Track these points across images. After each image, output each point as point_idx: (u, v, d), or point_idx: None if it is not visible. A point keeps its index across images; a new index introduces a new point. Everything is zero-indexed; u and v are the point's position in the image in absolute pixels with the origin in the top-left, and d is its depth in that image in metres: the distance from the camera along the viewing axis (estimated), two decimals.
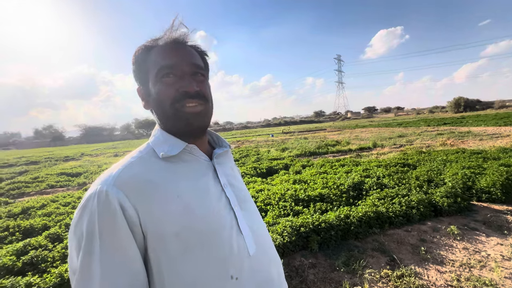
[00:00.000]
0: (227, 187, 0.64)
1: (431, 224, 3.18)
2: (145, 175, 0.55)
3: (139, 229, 0.51)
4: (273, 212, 3.42)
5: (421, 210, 3.32)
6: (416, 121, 29.04)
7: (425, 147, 9.46)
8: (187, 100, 0.58)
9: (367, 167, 5.57)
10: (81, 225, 0.49)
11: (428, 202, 3.49)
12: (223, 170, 0.67)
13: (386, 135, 15.42)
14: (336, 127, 33.62)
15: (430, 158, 6.33)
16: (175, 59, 0.59)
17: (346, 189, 4.16)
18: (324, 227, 2.86)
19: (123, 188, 0.51)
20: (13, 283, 2.20)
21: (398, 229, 3.11)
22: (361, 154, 9.16)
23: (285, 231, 2.78)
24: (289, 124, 64.79)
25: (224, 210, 0.60)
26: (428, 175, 4.64)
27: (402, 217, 3.23)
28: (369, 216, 3.11)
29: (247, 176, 5.84)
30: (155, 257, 0.52)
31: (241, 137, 28.22)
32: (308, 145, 11.65)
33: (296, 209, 3.46)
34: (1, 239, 3.39)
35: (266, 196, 3.97)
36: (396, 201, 3.51)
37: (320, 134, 21.97)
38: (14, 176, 10.31)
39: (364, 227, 2.99)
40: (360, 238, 2.92)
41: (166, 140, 0.61)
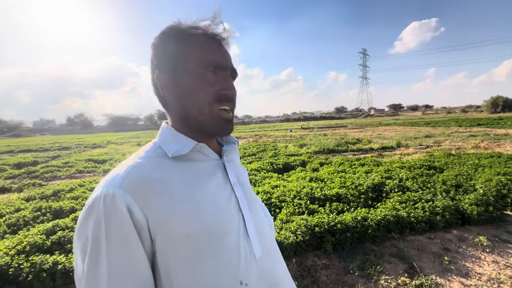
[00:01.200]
0: (237, 186, 0.62)
1: (457, 233, 2.97)
2: (154, 175, 0.52)
3: (147, 234, 0.49)
4: (287, 210, 3.38)
5: (446, 217, 3.11)
6: (446, 121, 27.23)
7: (454, 149, 8.84)
8: (224, 103, 0.57)
9: (389, 168, 5.32)
10: (86, 229, 0.47)
11: (455, 209, 3.26)
12: (232, 168, 0.64)
13: (411, 135, 14.63)
14: (357, 124, 32.48)
15: (460, 162, 5.91)
16: (225, 60, 0.57)
17: (365, 190, 4.01)
18: (340, 228, 2.78)
19: (130, 190, 0.49)
20: (42, 260, 2.38)
21: (419, 236, 2.94)
22: (383, 154, 8.78)
23: (299, 229, 2.74)
24: (309, 120, 63.63)
25: (233, 211, 0.58)
26: (457, 180, 4.34)
27: (424, 223, 3.05)
28: (388, 220, 2.97)
29: (263, 171, 5.83)
30: (163, 262, 0.51)
31: (259, 131, 28.23)
32: (327, 142, 11.37)
33: (311, 208, 3.40)
34: (34, 219, 3.69)
35: (281, 193, 3.93)
36: (419, 206, 3.32)
37: (340, 131, 21.36)
38: (48, 160, 11.15)
39: (382, 231, 2.87)
40: (377, 242, 2.80)
41: (175, 139, 0.58)
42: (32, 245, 2.67)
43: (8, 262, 2.40)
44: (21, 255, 2.51)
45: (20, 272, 2.32)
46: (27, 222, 3.58)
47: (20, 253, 2.56)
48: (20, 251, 2.60)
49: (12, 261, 2.42)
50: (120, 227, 0.47)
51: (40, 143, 22.42)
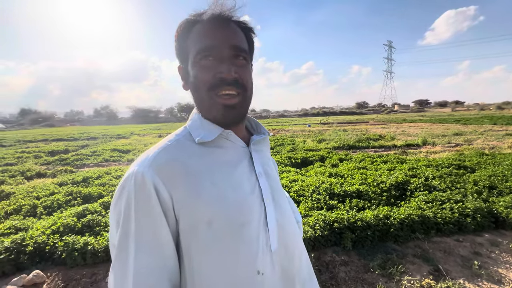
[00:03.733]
0: (262, 176, 0.61)
1: (489, 237, 2.78)
2: (181, 159, 0.54)
3: (172, 213, 0.51)
4: (305, 204, 3.35)
5: (477, 220, 2.91)
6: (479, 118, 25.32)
7: (488, 149, 8.22)
8: (224, 88, 0.54)
9: (414, 166, 5.07)
10: (120, 204, 0.51)
11: (488, 211, 3.04)
12: (259, 158, 0.64)
13: (439, 132, 13.79)
14: (380, 120, 31.17)
15: (494, 162, 5.49)
16: (215, 39, 0.54)
17: (388, 187, 3.85)
18: (360, 225, 2.70)
19: (158, 171, 0.51)
20: (74, 241, 2.56)
21: (446, 238, 2.79)
22: (408, 151, 8.37)
23: (318, 224, 2.70)
24: (328, 115, 62.08)
25: (256, 201, 0.58)
26: (490, 181, 4.04)
27: (452, 225, 2.88)
28: (413, 219, 2.84)
29: (281, 166, 5.80)
30: (186, 244, 0.53)
31: (277, 125, 28.03)
32: (347, 138, 11.05)
33: (330, 203, 3.33)
34: (67, 202, 3.96)
35: (300, 187, 3.89)
36: (447, 207, 3.14)
37: (361, 127, 20.63)
38: (78, 148, 11.89)
39: (405, 231, 2.75)
40: (400, 241, 2.69)
41: (203, 125, 0.59)
42: (65, 226, 2.87)
43: (44, 240, 2.61)
44: (55, 235, 2.72)
45: (55, 250, 2.52)
46: (60, 205, 3.85)
47: (54, 233, 2.77)
48: (55, 231, 2.81)
49: (48, 239, 2.63)
50: (148, 204, 0.50)
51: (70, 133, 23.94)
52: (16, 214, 3.67)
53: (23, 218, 3.47)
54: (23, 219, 3.41)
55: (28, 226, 3.04)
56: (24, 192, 4.59)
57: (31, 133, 26.75)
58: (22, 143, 15.39)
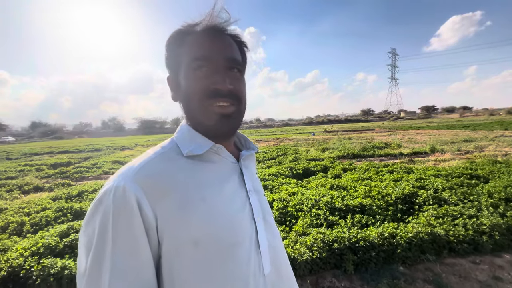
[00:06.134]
0: (253, 193, 0.59)
1: (510, 258, 2.48)
2: (168, 173, 0.50)
3: (154, 233, 0.47)
4: (304, 220, 3.10)
5: (495, 238, 2.62)
6: (489, 124, 24.63)
7: (501, 156, 7.82)
8: (218, 99, 0.53)
9: (422, 176, 4.77)
10: (94, 222, 0.45)
11: (507, 228, 2.74)
12: (249, 174, 0.61)
13: (447, 139, 13.35)
14: (386, 127, 30.69)
15: (509, 171, 5.14)
16: (211, 50, 0.53)
17: (394, 200, 3.58)
18: (363, 246, 2.45)
19: (142, 184, 0.46)
20: (52, 264, 2.38)
21: (461, 259, 2.50)
22: (415, 160, 8.03)
23: (316, 244, 2.46)
24: (333, 123, 61.66)
25: (246, 220, 0.55)
26: (507, 192, 3.72)
27: (467, 244, 2.59)
28: (422, 238, 2.57)
29: (281, 177, 5.57)
30: (168, 267, 0.48)
31: (281, 134, 27.88)
32: (351, 146, 10.75)
33: (330, 220, 3.08)
34: (56, 219, 3.81)
35: (299, 201, 3.65)
36: (460, 222, 2.85)
37: (366, 135, 20.26)
38: (81, 161, 11.90)
39: (414, 251, 2.48)
40: (408, 263, 2.42)
41: (192, 138, 0.56)
42: (46, 247, 2.70)
43: (21, 263, 2.44)
44: (34, 257, 2.54)
45: (31, 275, 2.34)
46: (48, 222, 3.70)
47: (34, 255, 2.59)
48: (35, 252, 2.63)
49: (25, 262, 2.46)
50: (128, 223, 0.44)
51: (77, 145, 24.25)
52: (2, 232, 3.53)
53: (8, 236, 3.32)
54: (7, 238, 3.26)
55: (8, 246, 2.88)
56: (16, 207, 4.47)
57: (39, 146, 27.24)
58: (28, 156, 15.58)
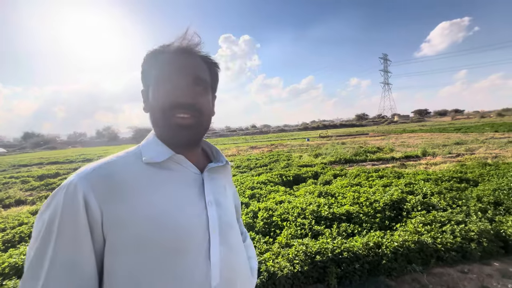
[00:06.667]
0: (212, 205, 0.59)
1: (499, 266, 2.39)
2: (121, 175, 0.53)
3: (99, 231, 0.49)
4: (288, 231, 2.98)
5: (483, 245, 2.53)
6: (480, 126, 25.00)
7: (491, 158, 7.84)
8: (178, 111, 0.57)
9: (411, 181, 4.70)
10: (45, 214, 0.49)
11: (495, 234, 2.66)
12: (212, 186, 0.62)
13: (439, 142, 13.44)
14: (380, 131, 30.92)
15: (498, 173, 5.11)
16: (177, 68, 0.58)
17: (382, 207, 3.49)
18: (347, 257, 2.33)
19: (93, 183, 0.50)
20: (14, 286, 2.21)
21: (449, 268, 2.40)
22: (407, 164, 8.00)
23: (298, 257, 2.34)
24: (328, 128, 62.01)
25: (199, 230, 0.56)
26: (495, 196, 3.66)
27: (455, 252, 2.50)
28: (408, 247, 2.47)
29: (270, 184, 5.45)
30: (110, 265, 0.50)
31: (276, 140, 27.84)
32: (343, 151, 10.72)
33: (316, 229, 2.97)
34: (30, 235, 3.62)
35: (285, 210, 3.54)
36: (448, 229, 2.77)
37: (360, 139, 20.33)
38: (70, 171, 11.60)
39: (400, 262, 2.37)
40: (394, 275, 2.31)
41: (155, 146, 0.59)
42: (12, 267, 2.52)
43: None
44: None
45: None
46: (22, 238, 3.51)
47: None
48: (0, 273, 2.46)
49: None
50: (74, 218, 0.48)
51: (68, 155, 23.81)
52: None
53: None
54: None
55: None
56: None
57: (29, 157, 26.69)
58: (15, 168, 15.19)
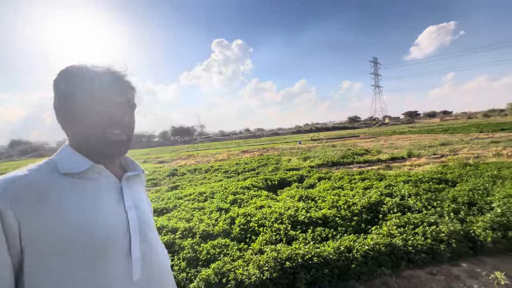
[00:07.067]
0: (132, 209, 0.64)
1: (467, 267, 2.41)
2: (38, 187, 0.53)
3: (17, 242, 0.50)
4: (263, 237, 2.96)
5: (452, 246, 2.56)
6: (466, 127, 25.62)
7: (472, 158, 8.02)
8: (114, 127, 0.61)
9: (392, 183, 4.76)
10: None
11: (464, 234, 2.70)
12: (130, 193, 0.67)
13: (426, 143, 13.69)
14: (370, 133, 31.34)
15: (476, 173, 5.22)
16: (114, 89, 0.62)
17: (359, 210, 3.50)
18: (317, 262, 2.32)
19: (8, 195, 0.50)
20: None
21: (419, 270, 2.41)
22: (392, 165, 8.10)
23: (268, 264, 2.31)
24: (321, 131, 62.52)
25: (120, 231, 0.59)
26: (470, 196, 3.73)
27: (425, 254, 2.52)
28: (379, 250, 2.48)
29: (253, 189, 5.43)
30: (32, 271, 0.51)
31: (268, 144, 27.87)
32: (332, 154, 10.80)
33: (291, 234, 2.95)
34: None
35: (262, 216, 3.51)
36: (420, 231, 2.79)
37: (351, 142, 20.55)
38: None
39: (370, 265, 2.37)
40: (363, 279, 2.30)
41: (72, 157, 0.61)
42: None
43: None
44: None
45: None
46: None
47: None
48: None
49: None
50: None
51: None
52: None
53: None
54: None
55: None
56: None
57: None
58: None
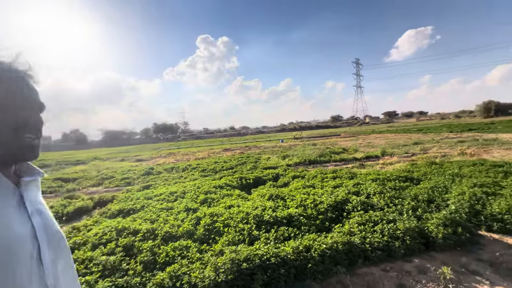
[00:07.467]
0: (35, 215, 0.62)
1: (419, 262, 2.51)
2: None
3: None
4: (227, 237, 2.91)
5: (407, 243, 2.65)
6: (439, 127, 27.06)
7: (439, 157, 8.45)
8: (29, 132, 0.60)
9: (361, 181, 4.88)
10: None
11: (419, 231, 2.81)
12: (31, 198, 0.64)
13: (400, 142, 14.27)
14: (351, 132, 32.24)
15: (439, 172, 5.49)
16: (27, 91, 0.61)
17: (325, 209, 3.55)
18: (274, 263, 2.31)
19: None
20: None
21: (374, 267, 2.48)
22: (366, 164, 8.36)
23: (225, 266, 2.27)
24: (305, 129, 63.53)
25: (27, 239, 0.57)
26: (429, 194, 3.90)
27: (381, 251, 2.59)
28: (336, 249, 2.51)
29: (226, 188, 5.37)
30: None
31: (252, 142, 27.87)
32: (310, 153, 10.96)
33: (254, 235, 2.93)
34: None
35: (229, 216, 3.47)
36: (379, 229, 2.87)
37: (331, 140, 21.02)
38: None
39: (327, 264, 2.40)
40: (319, 278, 2.33)
41: None
42: None
43: None
44: None
45: None
46: None
47: None
48: None
49: None
50: None
51: None
52: None
53: None
54: None
55: None
56: None
57: None
58: None
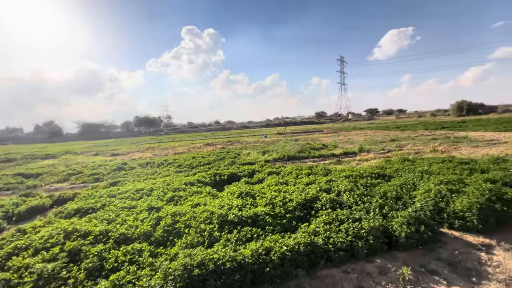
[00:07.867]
0: None
1: (380, 263, 2.46)
2: None
3: None
4: (186, 239, 2.72)
5: (370, 242, 2.59)
6: (415, 124, 28.12)
7: (413, 154, 8.69)
8: None
9: (334, 178, 4.84)
10: None
11: (383, 230, 2.76)
12: None
13: (379, 139, 14.62)
14: (333, 128, 32.81)
15: (410, 168, 5.58)
16: None
17: (294, 207, 3.45)
18: (230, 268, 2.15)
19: None
20: None
21: (335, 268, 2.39)
22: (343, 160, 8.42)
23: (175, 272, 2.08)
24: (290, 125, 63.94)
25: None
26: (398, 191, 3.91)
27: (344, 251, 2.51)
28: (298, 250, 2.40)
29: (197, 185, 5.14)
30: None
31: (235, 137, 27.54)
32: (289, 149, 10.92)
33: (215, 236, 2.76)
34: None
35: (192, 215, 3.27)
36: (344, 228, 2.80)
37: (314, 136, 21.20)
38: None
39: (287, 267, 2.28)
40: (277, 282, 2.20)
41: None
42: None
43: None
44: None
45: None
46: None
47: None
48: None
49: None
50: None
51: None
52: None
53: None
54: None
55: None
56: None
57: None
58: None
